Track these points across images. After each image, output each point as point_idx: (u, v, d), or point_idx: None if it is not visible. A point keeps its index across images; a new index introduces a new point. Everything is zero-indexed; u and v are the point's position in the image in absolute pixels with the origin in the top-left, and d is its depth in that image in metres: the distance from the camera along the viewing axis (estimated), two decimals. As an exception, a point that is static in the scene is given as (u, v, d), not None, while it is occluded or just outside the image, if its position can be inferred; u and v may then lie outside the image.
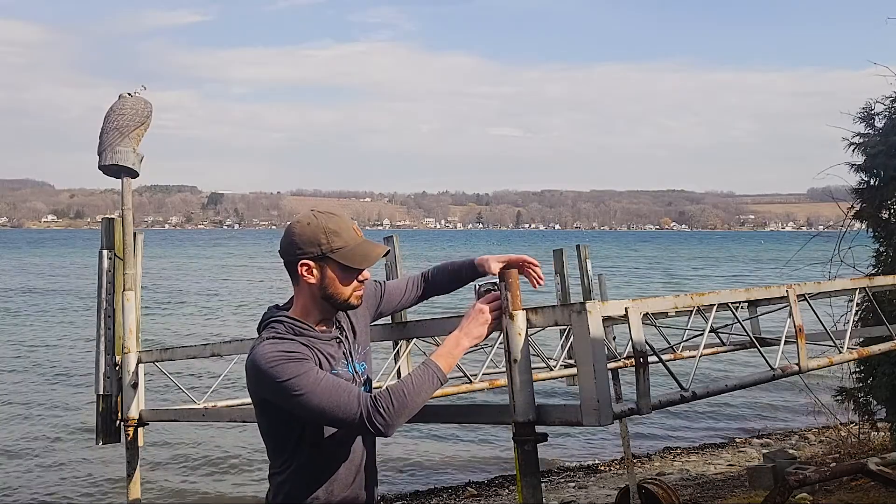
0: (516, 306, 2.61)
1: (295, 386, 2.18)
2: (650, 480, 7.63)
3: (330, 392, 2.19)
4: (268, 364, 2.20)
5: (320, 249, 2.30)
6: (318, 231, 2.31)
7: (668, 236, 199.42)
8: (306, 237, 2.31)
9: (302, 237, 2.32)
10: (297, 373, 2.19)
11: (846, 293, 5.01)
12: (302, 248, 2.31)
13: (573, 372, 5.76)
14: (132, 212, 4.72)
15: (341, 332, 2.46)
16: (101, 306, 4.70)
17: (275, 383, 2.19)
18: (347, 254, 2.32)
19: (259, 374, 2.22)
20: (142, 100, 4.64)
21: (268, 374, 2.20)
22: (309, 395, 2.18)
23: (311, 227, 2.32)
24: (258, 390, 2.29)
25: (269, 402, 2.28)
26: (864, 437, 9.56)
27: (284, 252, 2.36)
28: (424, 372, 2.29)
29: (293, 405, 2.21)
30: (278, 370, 2.19)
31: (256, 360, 2.23)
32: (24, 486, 10.23)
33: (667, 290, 40.45)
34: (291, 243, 2.33)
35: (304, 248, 2.31)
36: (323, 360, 2.32)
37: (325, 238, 2.30)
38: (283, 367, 2.20)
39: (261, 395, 2.29)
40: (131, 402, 4.54)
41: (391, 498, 9.91)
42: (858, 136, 7.97)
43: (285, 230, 2.39)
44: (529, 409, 2.60)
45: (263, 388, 2.25)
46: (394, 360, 5.82)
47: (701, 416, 13.71)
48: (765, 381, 3.47)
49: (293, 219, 2.42)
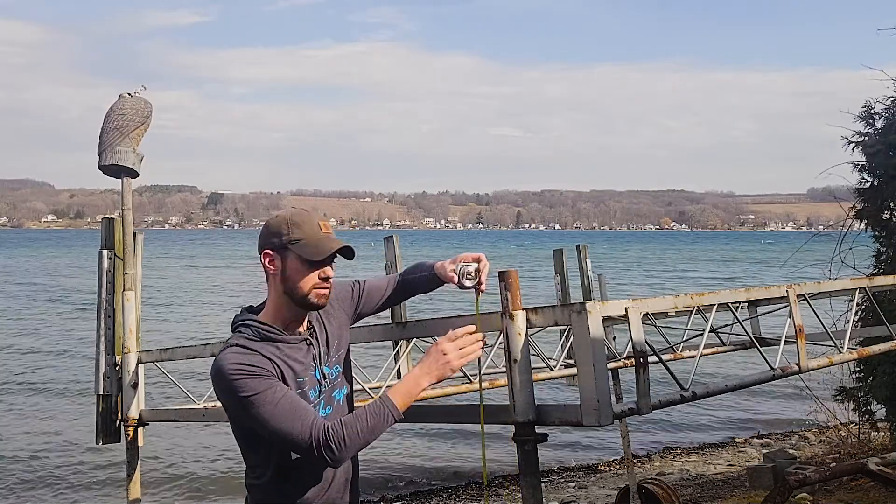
0: (516, 306, 2.61)
1: (253, 404, 2.18)
2: (650, 480, 7.63)
3: (285, 416, 2.18)
4: (229, 376, 2.20)
5: (280, 240, 2.34)
6: (282, 222, 2.37)
7: (667, 236, 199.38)
8: (271, 228, 2.38)
9: (269, 228, 2.40)
10: (256, 390, 2.19)
11: (846, 293, 5.01)
12: (267, 238, 2.37)
13: (573, 372, 5.75)
14: (132, 212, 4.72)
15: (311, 333, 2.43)
16: (101, 306, 4.70)
17: (235, 397, 2.20)
18: (304, 246, 2.33)
19: (220, 385, 2.24)
20: (142, 100, 4.64)
21: (228, 387, 2.21)
22: (265, 417, 2.18)
23: (277, 220, 2.40)
24: (220, 399, 2.31)
25: (230, 413, 2.31)
26: (864, 437, 9.56)
27: (258, 245, 2.41)
28: (380, 410, 2.25)
29: (251, 422, 2.22)
30: (238, 384, 2.19)
31: (219, 369, 2.23)
32: (25, 486, 10.23)
33: (651, 291, 40.46)
34: (261, 235, 2.40)
35: (268, 238, 2.37)
36: (288, 370, 2.29)
37: (286, 229, 2.34)
38: (242, 381, 2.19)
39: (224, 404, 2.31)
40: (131, 402, 4.55)
41: (391, 498, 9.91)
42: (858, 135, 7.97)
43: (264, 224, 2.46)
44: (529, 409, 2.60)
45: (224, 399, 2.27)
46: (394, 360, 5.82)
47: (701, 416, 13.70)
48: (765, 381, 3.47)
49: (277, 213, 2.48)
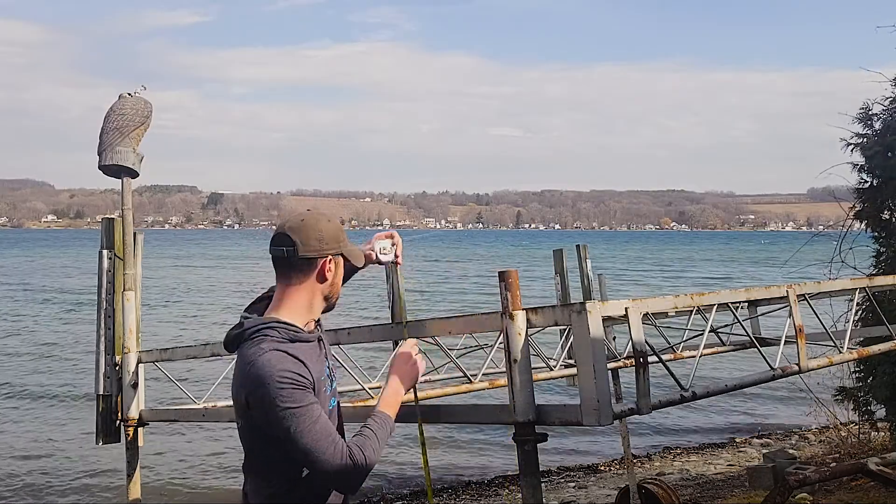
0: (516, 306, 2.61)
1: (294, 415, 2.12)
2: (650, 480, 7.63)
3: (322, 435, 2.15)
4: (277, 384, 2.12)
5: (339, 246, 2.36)
6: (337, 230, 2.37)
7: (666, 236, 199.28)
8: (331, 234, 2.34)
9: (328, 234, 2.34)
10: (300, 402, 2.13)
11: (846, 293, 5.01)
12: (329, 244, 2.33)
13: (573, 372, 5.75)
14: (132, 212, 4.71)
15: (319, 330, 2.45)
16: (101, 306, 4.69)
17: (276, 405, 2.11)
18: (352, 251, 2.42)
19: (260, 391, 2.13)
20: (142, 100, 4.64)
21: (270, 395, 2.12)
22: (301, 431, 2.12)
23: (332, 225, 2.37)
24: (255, 403, 2.16)
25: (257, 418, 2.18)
26: (864, 437, 9.56)
27: (308, 248, 2.29)
28: (384, 425, 2.33)
29: (283, 433, 2.13)
30: (284, 394, 2.12)
31: (265, 375, 2.12)
32: (25, 486, 10.23)
33: (650, 291, 40.46)
34: (319, 239, 2.31)
35: (330, 244, 2.33)
36: (315, 372, 2.25)
37: (342, 235, 2.38)
38: (289, 392, 2.12)
39: (256, 409, 2.17)
40: (131, 402, 4.54)
41: (391, 498, 9.91)
42: (856, 136, 7.97)
43: (300, 226, 2.32)
44: (529, 409, 2.60)
45: (260, 404, 2.14)
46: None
47: (701, 416, 13.71)
48: (765, 381, 3.47)
49: (302, 216, 2.38)
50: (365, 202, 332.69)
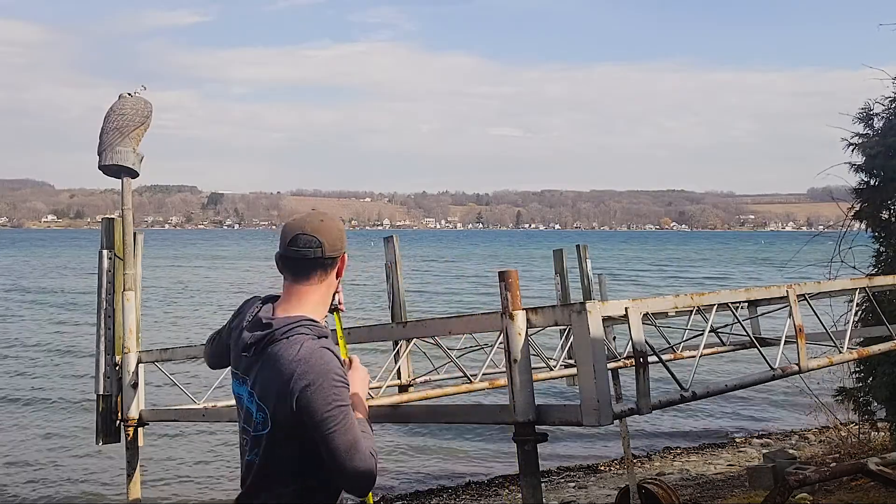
0: (516, 306, 2.61)
1: (342, 414, 2.14)
2: (650, 480, 7.63)
3: (358, 437, 2.17)
4: (333, 379, 2.15)
5: (345, 243, 2.44)
6: (343, 228, 2.45)
7: (666, 236, 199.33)
8: (339, 233, 2.41)
9: (342, 233, 2.43)
10: (347, 401, 2.17)
11: (846, 293, 5.01)
12: (341, 241, 2.41)
13: (573, 372, 5.76)
14: (132, 212, 4.72)
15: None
16: (101, 306, 4.69)
17: (327, 402, 2.13)
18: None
19: (317, 386, 2.13)
20: (142, 100, 4.64)
21: (325, 390, 2.13)
22: (345, 430, 2.14)
23: (339, 224, 2.45)
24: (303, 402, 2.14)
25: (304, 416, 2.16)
26: (864, 437, 9.56)
27: (333, 247, 2.35)
28: (369, 432, 2.30)
29: (325, 431, 2.13)
30: (338, 391, 2.15)
31: (321, 368, 2.15)
32: (25, 486, 10.23)
33: (648, 291, 40.47)
34: (339, 238, 2.38)
35: (342, 241, 2.41)
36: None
37: (343, 234, 2.44)
38: (341, 389, 2.16)
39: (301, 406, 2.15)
40: (131, 402, 4.54)
41: (391, 498, 9.91)
42: (857, 136, 7.98)
43: (322, 227, 2.36)
44: (529, 409, 2.60)
45: (310, 400, 2.13)
46: (394, 360, 5.82)
47: (701, 416, 13.71)
48: (765, 381, 3.48)
49: (320, 216, 2.42)
50: (365, 202, 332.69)
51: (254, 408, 2.26)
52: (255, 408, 2.26)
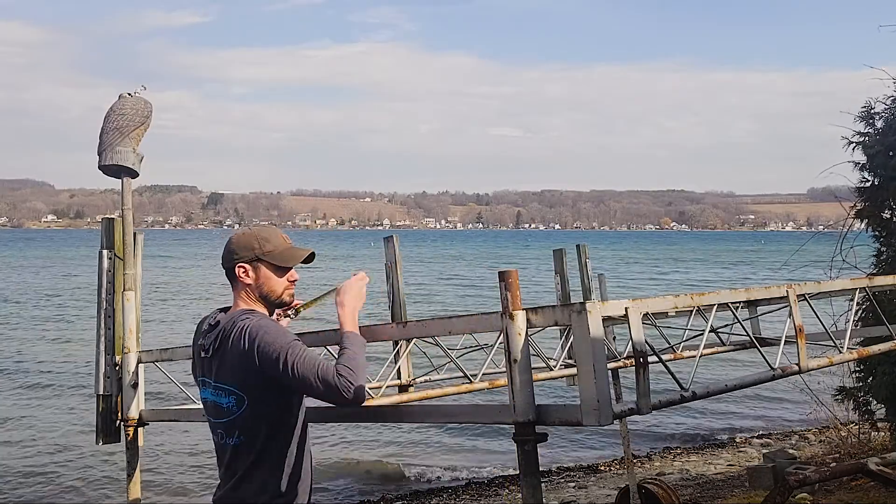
0: (516, 306, 2.61)
1: (291, 348, 2.52)
2: (650, 480, 7.63)
3: (314, 362, 2.53)
4: (273, 329, 2.58)
5: (253, 252, 2.72)
6: (252, 238, 2.75)
7: (665, 236, 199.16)
8: (241, 244, 2.75)
9: (238, 244, 2.75)
10: (291, 338, 2.59)
11: (846, 293, 5.01)
12: (238, 253, 2.74)
13: (573, 372, 5.75)
14: (132, 212, 4.71)
15: None
16: (101, 306, 4.69)
17: (273, 345, 2.52)
18: (277, 255, 2.74)
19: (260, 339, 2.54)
20: (142, 100, 4.63)
21: (269, 334, 2.55)
22: (299, 362, 2.50)
23: (245, 236, 2.77)
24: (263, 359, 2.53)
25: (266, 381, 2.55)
26: (864, 437, 9.56)
27: (224, 260, 2.76)
28: (354, 341, 2.68)
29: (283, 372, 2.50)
30: (280, 334, 2.57)
31: (258, 329, 2.56)
32: (25, 486, 10.23)
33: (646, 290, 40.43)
34: (229, 251, 2.75)
35: (239, 253, 2.74)
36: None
37: (257, 243, 2.73)
38: (283, 332, 2.60)
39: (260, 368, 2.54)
40: (131, 402, 4.54)
41: (391, 498, 9.91)
42: (858, 135, 7.97)
43: (231, 240, 2.78)
44: (529, 409, 2.60)
45: (267, 355, 2.52)
46: (394, 360, 5.82)
47: (701, 416, 13.71)
48: (765, 381, 3.47)
49: (244, 230, 2.84)
50: (365, 202, 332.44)
51: (222, 399, 2.63)
52: (223, 397, 2.63)
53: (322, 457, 10.97)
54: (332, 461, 11.19)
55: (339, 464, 11.19)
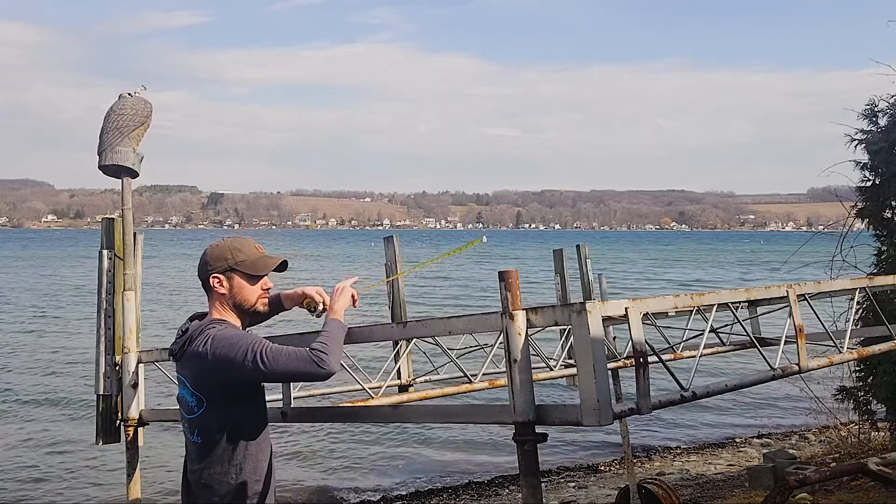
0: (516, 306, 2.61)
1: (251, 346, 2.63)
2: (650, 480, 7.62)
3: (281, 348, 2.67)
4: (231, 334, 2.70)
5: (226, 263, 2.83)
6: (224, 249, 2.86)
7: (665, 236, 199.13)
8: (214, 255, 2.86)
9: (211, 256, 2.86)
10: (251, 337, 2.70)
11: (846, 293, 5.00)
12: (212, 264, 2.85)
13: (573, 372, 5.75)
14: (132, 212, 4.71)
15: None
16: (101, 306, 4.69)
17: (231, 348, 2.64)
18: (249, 264, 2.85)
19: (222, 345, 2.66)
20: (142, 100, 4.63)
21: (229, 339, 2.67)
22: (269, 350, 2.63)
23: (218, 248, 2.88)
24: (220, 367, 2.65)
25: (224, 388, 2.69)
26: (864, 437, 9.55)
27: (199, 272, 2.87)
28: (336, 326, 2.81)
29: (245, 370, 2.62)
30: (240, 337, 2.69)
31: (223, 337, 2.67)
32: (25, 487, 10.23)
33: (645, 291, 40.42)
34: (204, 263, 2.86)
35: (213, 264, 2.85)
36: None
37: (230, 254, 2.85)
38: (247, 336, 2.72)
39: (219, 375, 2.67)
40: (131, 402, 4.54)
41: (391, 498, 9.91)
42: (861, 132, 7.96)
43: (206, 252, 2.89)
44: (529, 409, 2.60)
45: (219, 354, 2.64)
46: (394, 360, 5.82)
47: (701, 416, 13.70)
48: (765, 381, 3.47)
49: (219, 241, 2.94)
50: (365, 202, 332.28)
51: (190, 398, 2.76)
52: (189, 397, 2.76)
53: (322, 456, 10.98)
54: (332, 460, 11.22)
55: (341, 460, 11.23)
